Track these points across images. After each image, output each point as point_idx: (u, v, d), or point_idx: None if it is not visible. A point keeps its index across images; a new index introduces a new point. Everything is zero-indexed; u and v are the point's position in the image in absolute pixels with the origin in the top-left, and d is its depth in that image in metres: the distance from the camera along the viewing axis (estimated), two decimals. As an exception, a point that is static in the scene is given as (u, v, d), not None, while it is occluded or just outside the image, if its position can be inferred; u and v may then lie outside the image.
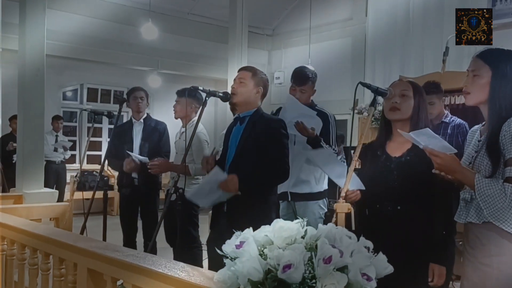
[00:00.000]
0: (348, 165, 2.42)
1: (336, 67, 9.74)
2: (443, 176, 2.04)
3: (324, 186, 3.76)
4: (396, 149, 2.49)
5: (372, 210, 2.52)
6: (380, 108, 6.47)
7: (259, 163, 2.78)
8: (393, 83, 2.55)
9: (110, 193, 7.63)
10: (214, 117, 10.80)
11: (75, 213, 4.90)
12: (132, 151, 4.49)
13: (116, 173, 8.65)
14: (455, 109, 4.99)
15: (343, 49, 9.81)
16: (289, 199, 3.67)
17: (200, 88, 2.93)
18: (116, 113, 4.20)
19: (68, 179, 8.91)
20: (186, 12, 9.97)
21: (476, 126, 2.26)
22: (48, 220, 4.66)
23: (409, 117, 2.45)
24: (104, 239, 4.00)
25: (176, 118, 4.31)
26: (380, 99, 2.52)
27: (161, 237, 4.23)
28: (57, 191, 5.30)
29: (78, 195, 4.39)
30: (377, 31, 9.09)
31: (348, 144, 6.91)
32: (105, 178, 3.80)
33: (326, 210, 3.78)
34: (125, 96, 4.78)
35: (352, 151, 2.55)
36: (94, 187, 3.96)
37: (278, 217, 2.99)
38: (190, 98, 4.14)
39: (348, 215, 2.26)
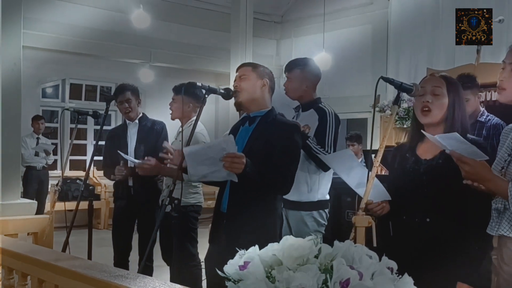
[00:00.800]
0: (369, 170, 2.41)
1: (354, 58, 9.74)
2: (476, 186, 2.03)
3: (320, 196, 3.71)
4: (427, 151, 2.48)
5: (397, 222, 2.52)
6: (404, 105, 6.50)
7: (265, 169, 2.77)
8: (423, 79, 2.54)
9: (96, 204, 7.66)
10: (215, 116, 10.82)
11: (57, 227, 4.91)
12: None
13: (104, 181, 8.71)
14: (491, 107, 4.95)
15: (362, 37, 9.81)
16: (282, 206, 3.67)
17: (199, 84, 2.92)
18: (103, 112, 4.21)
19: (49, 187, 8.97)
20: (183, -3, 10.01)
21: (509, 126, 2.25)
22: (25, 235, 4.67)
23: (443, 119, 2.43)
24: (90, 256, 4.01)
25: (172, 119, 4.31)
26: (404, 95, 2.51)
27: (156, 254, 4.25)
28: (35, 201, 5.29)
29: (60, 206, 4.40)
30: (402, 16, 9.08)
31: (368, 147, 6.90)
32: (91, 187, 3.81)
33: (324, 223, 3.75)
34: (113, 93, 4.80)
35: (373, 155, 2.54)
36: (78, 196, 3.98)
37: (281, 232, 3.00)
38: (188, 96, 4.13)
39: (368, 230, 2.26)
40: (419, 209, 2.40)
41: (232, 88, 3.02)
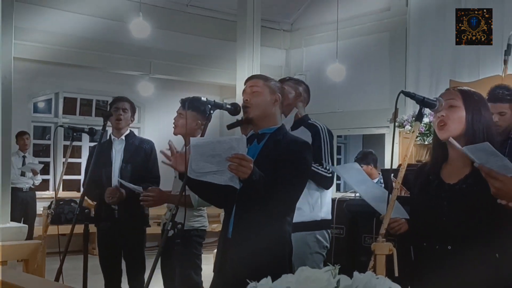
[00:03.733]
0: (389, 192, 2.41)
1: (370, 69, 9.76)
2: (506, 204, 2.02)
3: (323, 214, 3.79)
4: (452, 174, 2.47)
5: (418, 249, 2.53)
6: (425, 120, 6.48)
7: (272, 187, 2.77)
8: (440, 94, 2.55)
9: (91, 227, 7.65)
10: (219, 132, 10.83)
11: (49, 253, 4.93)
12: (111, 176, 4.53)
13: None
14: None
15: (379, 46, 9.82)
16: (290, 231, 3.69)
17: (203, 99, 2.93)
18: (99, 128, 4.23)
19: (39, 210, 8.95)
20: (185, 4, 10.06)
21: None
22: (15, 263, 4.67)
23: (462, 133, 2.43)
24: (85, 285, 4.00)
25: (175, 134, 4.32)
26: (426, 110, 2.51)
27: (156, 283, 4.23)
28: (25, 225, 5.32)
29: (53, 230, 4.40)
30: (421, 24, 9.08)
31: (387, 166, 6.87)
32: (86, 210, 3.80)
33: (327, 244, 3.82)
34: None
35: (392, 175, 2.55)
36: (73, 220, 3.97)
37: (291, 259, 2.99)
38: (194, 112, 4.13)
39: (389, 258, 2.24)
40: (439, 236, 2.41)
41: (238, 102, 3.02)
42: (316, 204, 3.74)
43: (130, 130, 4.74)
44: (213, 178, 2.68)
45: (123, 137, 4.65)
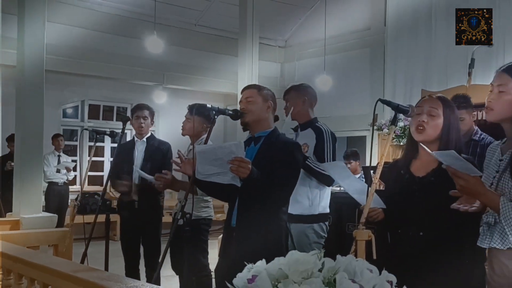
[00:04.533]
0: (368, 186, 2.40)
1: (353, 80, 9.76)
2: (465, 209, 2.02)
3: (321, 209, 3.73)
4: (421, 168, 2.47)
5: (394, 235, 2.52)
6: (400, 124, 6.48)
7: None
8: (422, 99, 2.54)
9: (112, 217, 7.67)
10: (223, 135, 10.83)
11: (76, 238, 4.91)
12: (131, 172, 4.52)
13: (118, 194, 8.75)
14: (482, 125, 4.94)
15: (361, 60, 9.84)
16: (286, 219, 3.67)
17: (209, 105, 2.94)
18: (119, 131, 4.23)
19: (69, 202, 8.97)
20: (193, 24, 10.07)
21: (495, 143, 2.24)
22: (46, 247, 4.67)
23: (438, 138, 2.43)
24: (106, 267, 4.00)
25: (183, 135, 4.33)
26: (401, 115, 2.51)
27: (165, 264, 4.23)
28: (56, 215, 5.30)
29: (79, 219, 4.40)
30: (397, 41, 9.11)
31: (368, 164, 6.87)
32: (107, 202, 3.83)
33: (324, 235, 3.76)
34: (129, 113, 4.83)
35: (372, 171, 2.55)
36: (96, 210, 3.98)
37: (287, 244, 2.99)
38: (200, 117, 4.14)
39: (368, 243, 2.24)
40: (412, 223, 2.40)
41: (239, 109, 3.03)
42: (315, 199, 3.70)
43: (151, 133, 4.76)
44: (217, 178, 2.71)
45: (144, 139, 4.66)
